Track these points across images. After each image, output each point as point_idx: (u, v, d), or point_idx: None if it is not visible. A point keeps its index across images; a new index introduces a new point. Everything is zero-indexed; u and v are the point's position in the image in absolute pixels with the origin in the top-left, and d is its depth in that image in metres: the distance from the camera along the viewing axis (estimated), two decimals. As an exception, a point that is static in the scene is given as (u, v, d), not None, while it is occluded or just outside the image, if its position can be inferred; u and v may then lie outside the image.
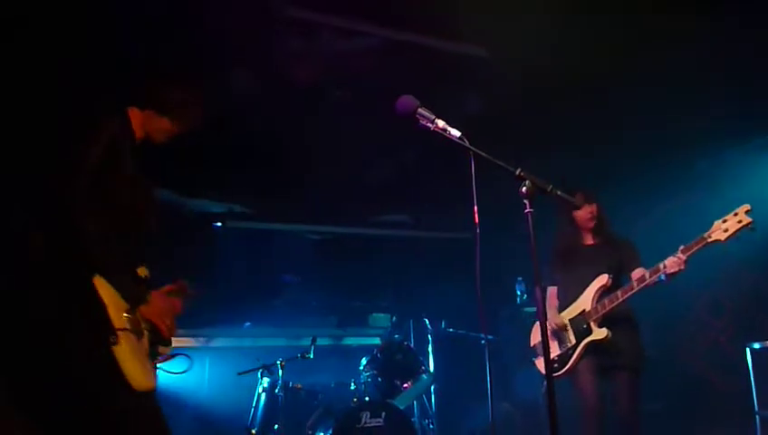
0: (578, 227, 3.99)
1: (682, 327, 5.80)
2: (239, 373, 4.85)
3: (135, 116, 2.54)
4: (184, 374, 5.09)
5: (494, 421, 5.07)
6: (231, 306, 5.82)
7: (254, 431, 4.56)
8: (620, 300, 3.62)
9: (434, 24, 4.08)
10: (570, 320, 3.90)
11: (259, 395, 4.76)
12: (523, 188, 2.12)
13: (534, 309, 2.41)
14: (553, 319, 3.93)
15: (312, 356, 4.79)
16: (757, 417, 4.39)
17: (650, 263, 3.57)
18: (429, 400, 5.28)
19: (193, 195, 6.14)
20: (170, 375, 5.17)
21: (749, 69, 4.40)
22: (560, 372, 3.86)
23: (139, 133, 2.56)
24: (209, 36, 3.83)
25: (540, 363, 4.08)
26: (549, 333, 3.93)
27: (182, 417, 5.21)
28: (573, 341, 3.84)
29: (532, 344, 4.21)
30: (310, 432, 4.43)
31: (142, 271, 2.50)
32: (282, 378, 4.60)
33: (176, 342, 5.43)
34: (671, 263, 3.43)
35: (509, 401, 5.69)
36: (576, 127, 5.01)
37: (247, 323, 6.12)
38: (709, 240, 3.37)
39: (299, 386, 4.70)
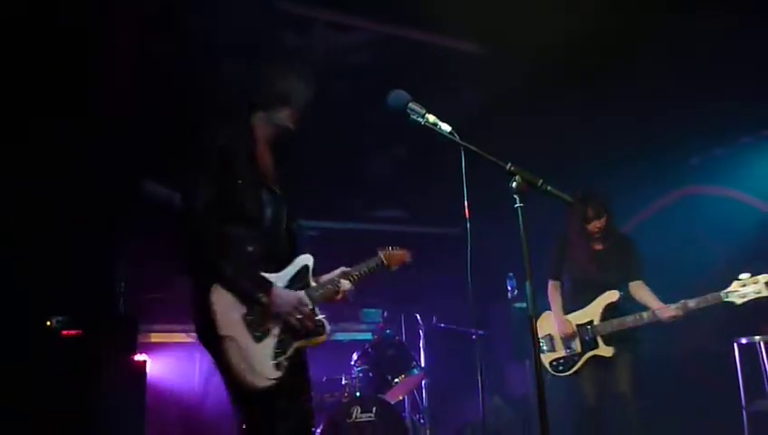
0: (585, 231, 4.06)
1: (671, 323, 5.82)
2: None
3: (257, 118, 2.67)
4: (175, 369, 5.07)
5: (484, 416, 5.11)
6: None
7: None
8: (627, 326, 3.80)
9: (426, 19, 4.08)
10: (577, 325, 4.01)
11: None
12: (514, 184, 2.12)
13: (524, 304, 2.45)
14: (565, 326, 4.01)
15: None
16: (744, 412, 4.43)
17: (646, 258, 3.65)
18: (420, 394, 5.29)
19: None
20: (161, 370, 5.16)
21: (743, 68, 4.42)
22: (562, 375, 4.02)
23: (263, 133, 2.66)
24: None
25: (545, 359, 4.16)
26: (554, 333, 4.10)
27: (173, 411, 5.19)
28: (579, 349, 3.98)
29: (540, 336, 4.23)
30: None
31: (299, 262, 2.65)
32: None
33: (167, 337, 5.42)
34: (668, 316, 3.68)
35: (500, 395, 5.71)
36: (570, 121, 5.03)
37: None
38: (725, 300, 3.51)
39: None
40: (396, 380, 4.46)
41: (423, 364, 5.21)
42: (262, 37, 3.93)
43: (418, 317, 5.48)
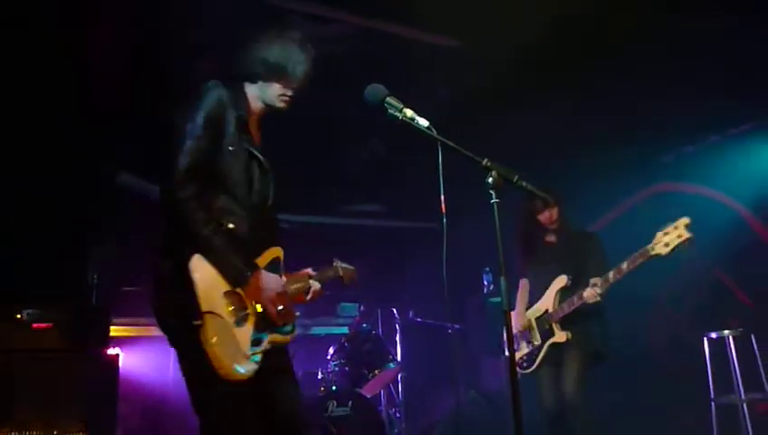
0: (538, 224, 4.08)
1: (643, 318, 5.93)
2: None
3: (250, 90, 2.49)
4: (149, 363, 5.01)
5: (460, 409, 5.14)
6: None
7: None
8: (575, 306, 3.76)
9: (405, 13, 4.08)
10: (535, 319, 4.02)
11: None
12: (490, 179, 2.12)
13: (500, 299, 2.46)
14: (519, 319, 4.05)
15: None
16: (713, 404, 4.52)
17: (615, 255, 3.65)
18: (396, 388, 5.31)
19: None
20: (135, 365, 5.09)
21: (714, 68, 4.49)
22: (527, 371, 4.00)
23: (255, 106, 2.51)
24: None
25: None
26: (516, 333, 4.11)
27: (146, 406, 5.14)
28: (539, 341, 3.98)
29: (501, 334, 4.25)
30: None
31: (274, 252, 2.44)
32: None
33: (141, 331, 5.35)
34: (589, 294, 3.65)
35: (476, 389, 5.75)
36: (541, 119, 5.06)
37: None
38: (652, 253, 3.45)
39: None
40: (372, 374, 4.47)
41: (399, 358, 5.23)
42: (237, 28, 3.88)
43: (395, 311, 5.50)
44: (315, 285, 2.59)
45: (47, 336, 3.89)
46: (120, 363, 4.36)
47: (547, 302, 3.95)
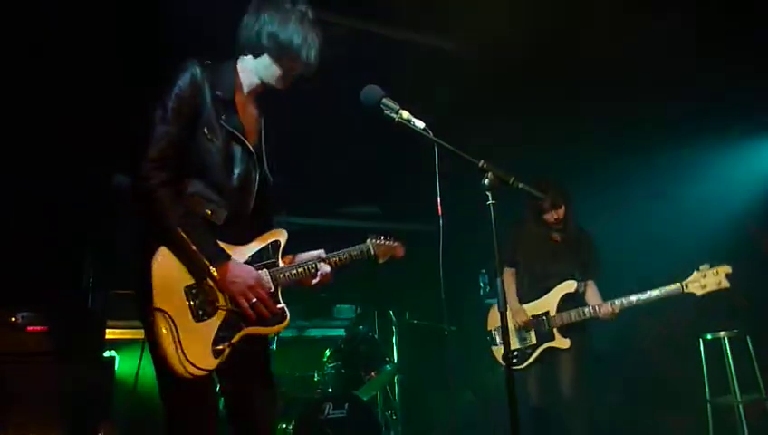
0: (546, 223, 4.05)
1: (639, 319, 5.94)
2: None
3: (246, 65, 2.35)
4: (145, 366, 4.97)
5: (456, 411, 5.14)
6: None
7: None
8: (584, 318, 3.75)
9: (401, 15, 4.08)
10: (533, 316, 3.95)
11: (221, 387, 4.71)
12: (486, 181, 2.13)
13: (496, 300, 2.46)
14: (520, 315, 3.96)
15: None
16: (709, 405, 4.53)
17: (610, 256, 3.67)
18: (393, 390, 5.31)
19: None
20: (131, 369, 5.06)
21: (708, 71, 4.50)
22: (517, 367, 3.94)
23: (248, 81, 2.35)
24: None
25: (497, 352, 4.12)
26: (510, 326, 4.01)
27: (142, 409, 5.11)
28: (534, 341, 3.91)
29: (489, 328, 4.23)
30: (272, 424, 4.41)
31: (272, 235, 2.34)
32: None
33: (137, 334, 5.33)
34: (605, 311, 3.68)
35: (472, 390, 5.75)
36: (538, 120, 5.08)
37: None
38: (685, 291, 3.51)
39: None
40: (368, 376, 4.46)
41: (396, 360, 5.22)
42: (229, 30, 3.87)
43: (392, 313, 5.49)
44: (324, 268, 2.44)
45: (42, 340, 3.88)
46: (116, 366, 4.35)
47: (549, 303, 3.89)
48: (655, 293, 3.58)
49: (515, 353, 3.96)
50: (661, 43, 4.33)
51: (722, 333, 4.50)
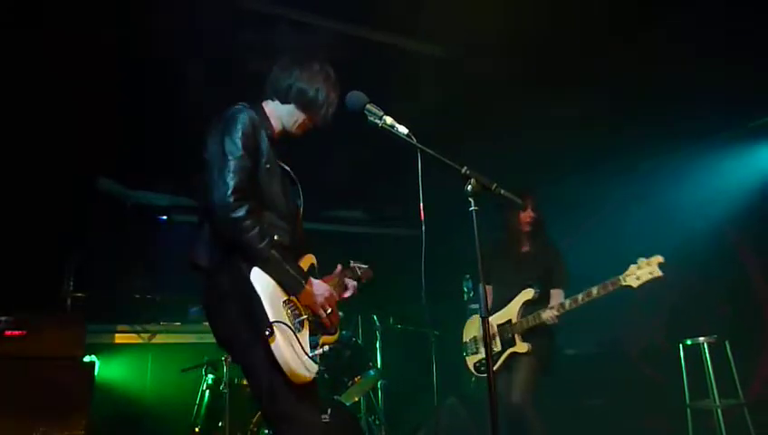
0: (516, 229, 4.15)
1: (621, 324, 6.00)
2: (183, 370, 4.76)
3: (273, 109, 2.59)
4: (125, 371, 4.92)
5: (439, 416, 5.14)
6: (175, 302, 5.69)
7: (197, 429, 4.47)
8: (540, 322, 3.89)
9: (389, 21, 4.10)
10: (498, 325, 4.13)
11: (203, 393, 4.67)
12: (469, 187, 2.15)
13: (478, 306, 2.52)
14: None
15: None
16: (688, 409, 4.58)
17: (593, 261, 3.70)
18: (376, 396, 5.30)
19: (137, 187, 5.98)
20: (111, 374, 5.01)
21: (690, 78, 4.56)
22: (485, 375, 3.96)
23: (274, 124, 2.58)
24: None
25: (470, 362, 4.32)
26: (479, 335, 4.27)
27: (122, 415, 5.06)
28: (499, 347, 4.11)
29: (464, 340, 4.45)
30: (255, 430, 4.38)
31: (309, 259, 2.58)
32: (227, 375, 4.52)
33: (117, 338, 5.27)
34: (548, 314, 3.82)
35: (455, 395, 5.76)
36: (520, 125, 5.11)
37: (194, 309, 5.95)
38: (623, 283, 3.58)
39: (245, 383, 4.63)
40: (351, 381, 4.45)
41: (379, 365, 5.22)
42: (220, 34, 3.87)
43: (375, 318, 5.49)
44: (351, 282, 2.80)
45: (21, 344, 3.83)
46: (96, 371, 4.30)
47: (511, 312, 4.08)
48: (594, 290, 3.68)
49: (483, 361, 4.13)
50: (645, 50, 4.38)
51: (701, 339, 4.55)
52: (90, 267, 5.10)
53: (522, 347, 3.98)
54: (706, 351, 4.51)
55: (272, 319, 2.16)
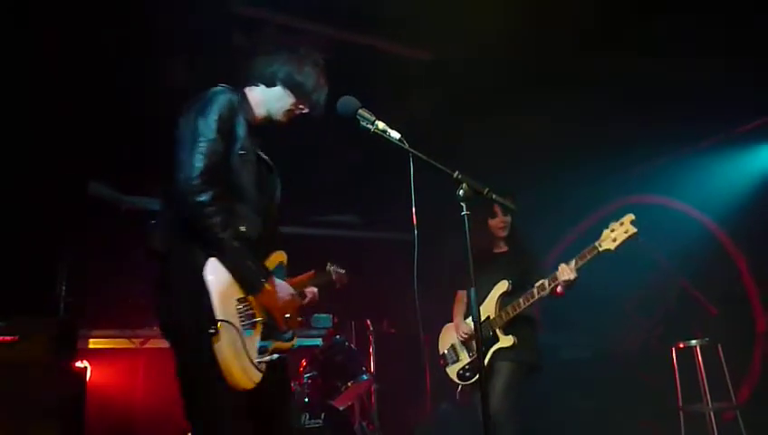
0: (490, 233, 4.03)
1: (614, 328, 6.02)
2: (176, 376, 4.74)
3: (257, 95, 2.47)
4: (117, 376, 4.89)
5: (433, 421, 5.14)
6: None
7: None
8: (523, 308, 3.69)
9: (378, 26, 4.11)
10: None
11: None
12: (461, 191, 2.15)
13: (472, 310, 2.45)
14: (462, 327, 3.97)
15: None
16: (681, 413, 4.60)
17: (585, 270, 3.66)
18: (370, 400, 5.29)
19: (131, 191, 5.96)
20: (103, 379, 4.98)
21: (685, 82, 4.59)
22: (471, 381, 3.91)
23: (257, 112, 2.46)
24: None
25: (452, 371, 4.05)
26: (459, 342, 4.02)
27: (114, 420, 5.04)
28: (482, 348, 3.84)
29: (441, 350, 4.17)
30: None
31: (279, 256, 2.42)
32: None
33: (110, 343, 5.26)
34: (562, 270, 3.51)
35: (448, 401, 5.76)
36: (512, 129, 5.12)
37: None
38: (600, 249, 3.45)
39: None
40: (345, 386, 4.44)
41: (373, 370, 5.21)
42: (212, 37, 3.87)
43: (369, 323, 5.49)
44: (311, 289, 2.62)
45: (13, 349, 3.81)
46: (88, 376, 4.29)
47: (488, 308, 3.83)
48: (573, 261, 3.49)
49: (467, 367, 3.94)
50: (635, 53, 4.41)
51: (693, 342, 4.58)
52: (82, 272, 5.08)
53: (506, 341, 3.73)
54: (699, 354, 4.53)
55: (218, 316, 2.02)
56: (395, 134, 2.25)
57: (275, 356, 2.22)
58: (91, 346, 4.98)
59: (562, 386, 5.30)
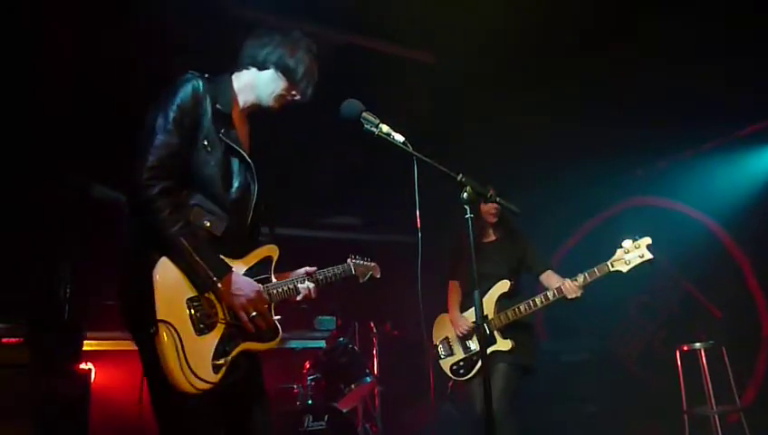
0: (481, 218, 3.98)
1: (617, 331, 6.01)
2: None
3: (245, 80, 2.38)
4: (122, 378, 4.89)
5: (435, 423, 5.13)
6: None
7: None
8: (523, 314, 3.66)
9: (381, 28, 4.12)
10: (473, 322, 3.85)
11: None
12: (464, 194, 2.15)
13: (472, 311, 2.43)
14: (461, 323, 3.90)
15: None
16: (685, 415, 4.59)
17: (586, 267, 3.65)
18: (373, 402, 5.29)
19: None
20: (107, 381, 4.98)
21: (686, 86, 4.59)
22: (465, 377, 3.88)
23: (245, 98, 2.38)
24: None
25: (446, 365, 4.01)
26: (456, 335, 3.95)
27: (118, 422, 5.05)
28: (477, 346, 3.83)
29: (434, 342, 4.10)
30: None
31: (264, 252, 2.33)
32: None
33: (114, 345, 5.26)
34: (568, 288, 3.49)
35: (451, 402, 5.76)
36: (514, 130, 5.13)
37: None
38: (611, 269, 3.44)
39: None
40: (348, 388, 4.44)
41: (376, 372, 5.21)
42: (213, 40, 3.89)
43: (372, 325, 5.49)
44: (305, 286, 2.42)
45: (18, 351, 3.82)
46: (93, 378, 4.29)
47: (487, 307, 3.77)
48: (580, 277, 3.48)
49: (461, 363, 3.90)
50: (635, 56, 4.42)
51: (698, 345, 4.56)
52: (86, 274, 5.09)
53: (504, 344, 3.67)
54: (703, 357, 4.52)
55: (159, 317, 1.95)
56: (399, 137, 2.24)
57: (228, 358, 2.10)
58: (95, 348, 4.98)
59: (566, 389, 5.29)
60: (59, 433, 3.78)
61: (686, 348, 4.65)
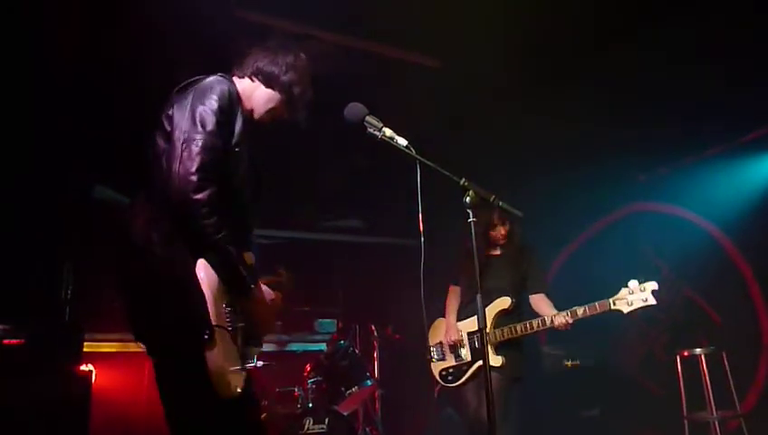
0: (489, 238, 3.98)
1: (618, 336, 6.00)
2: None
3: (246, 88, 2.33)
4: (123, 380, 4.89)
5: (436, 426, 5.13)
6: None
7: None
8: (518, 335, 3.68)
9: (387, 33, 4.13)
10: (467, 333, 3.91)
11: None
12: (467, 199, 2.16)
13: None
14: (451, 332, 3.94)
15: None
16: (685, 421, 4.58)
17: (588, 274, 3.66)
18: (374, 405, 5.29)
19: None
20: (108, 381, 4.98)
21: (688, 91, 4.59)
22: (452, 385, 3.92)
23: (246, 105, 2.30)
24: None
25: (436, 369, 4.04)
26: (446, 344, 3.99)
27: (119, 424, 5.05)
28: (469, 358, 3.87)
29: (429, 344, 4.12)
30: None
31: (248, 257, 2.19)
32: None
33: (115, 347, 5.26)
34: (560, 323, 3.52)
35: (452, 406, 5.76)
36: (516, 135, 5.14)
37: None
38: (612, 307, 3.44)
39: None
40: (349, 391, 4.44)
41: (377, 375, 5.21)
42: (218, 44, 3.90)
43: (373, 328, 5.49)
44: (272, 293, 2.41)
45: (19, 352, 3.82)
46: (93, 380, 4.29)
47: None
48: (580, 310, 3.49)
49: (450, 370, 3.94)
50: (638, 60, 4.43)
51: (698, 351, 4.56)
52: (88, 275, 5.10)
53: (495, 360, 3.66)
54: (704, 362, 4.52)
55: (214, 322, 1.88)
56: (402, 141, 2.25)
57: (253, 362, 2.16)
58: (96, 349, 4.98)
59: (566, 394, 5.29)
60: (60, 434, 3.78)
61: (686, 353, 4.64)
